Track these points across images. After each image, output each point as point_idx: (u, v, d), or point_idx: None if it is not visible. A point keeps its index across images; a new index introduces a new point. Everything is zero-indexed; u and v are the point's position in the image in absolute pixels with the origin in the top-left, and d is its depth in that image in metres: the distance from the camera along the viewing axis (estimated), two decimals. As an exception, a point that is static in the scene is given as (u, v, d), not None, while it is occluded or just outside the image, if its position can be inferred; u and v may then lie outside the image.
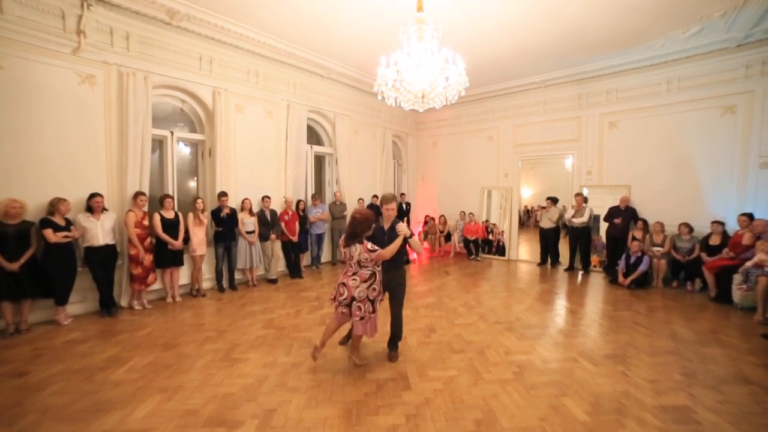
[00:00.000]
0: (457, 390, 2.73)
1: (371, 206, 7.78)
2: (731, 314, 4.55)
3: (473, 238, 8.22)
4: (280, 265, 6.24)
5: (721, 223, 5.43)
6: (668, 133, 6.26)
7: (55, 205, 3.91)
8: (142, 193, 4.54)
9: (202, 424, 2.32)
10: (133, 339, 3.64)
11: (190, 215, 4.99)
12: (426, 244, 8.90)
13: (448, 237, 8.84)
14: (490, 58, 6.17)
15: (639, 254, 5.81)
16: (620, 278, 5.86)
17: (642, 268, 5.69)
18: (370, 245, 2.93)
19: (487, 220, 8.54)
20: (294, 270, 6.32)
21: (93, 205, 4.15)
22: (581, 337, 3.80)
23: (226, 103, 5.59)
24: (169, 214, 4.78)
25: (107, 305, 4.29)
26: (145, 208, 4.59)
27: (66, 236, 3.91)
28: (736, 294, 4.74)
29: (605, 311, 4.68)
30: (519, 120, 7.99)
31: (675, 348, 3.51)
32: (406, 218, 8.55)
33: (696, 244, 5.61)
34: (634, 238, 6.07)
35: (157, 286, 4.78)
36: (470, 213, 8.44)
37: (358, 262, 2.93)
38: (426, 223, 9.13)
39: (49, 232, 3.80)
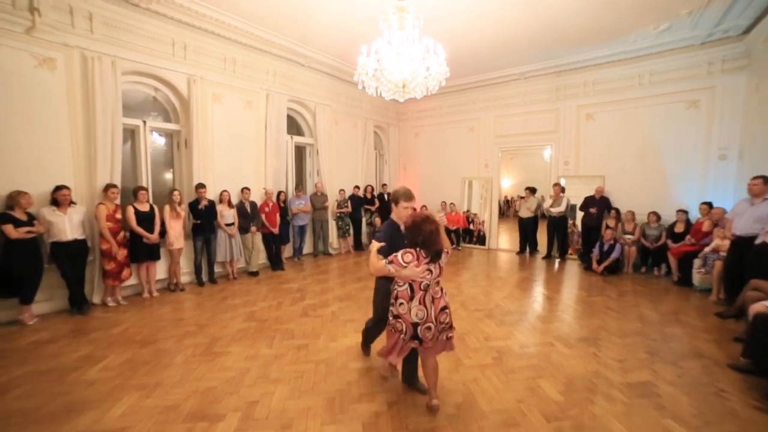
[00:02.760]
0: (438, 376, 2.79)
1: (352, 197, 7.76)
2: (691, 296, 4.85)
3: (454, 227, 8.33)
4: (261, 257, 6.16)
5: (685, 212, 5.73)
6: (640, 125, 6.49)
7: (14, 199, 3.67)
8: (114, 186, 4.34)
9: (183, 419, 2.29)
10: (107, 336, 3.52)
11: (167, 208, 4.83)
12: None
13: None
14: (471, 48, 6.19)
15: (612, 242, 6.06)
16: (594, 265, 6.11)
17: (614, 255, 5.95)
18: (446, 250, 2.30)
19: (468, 210, 8.67)
20: (275, 262, 6.25)
21: (59, 198, 3.93)
22: (557, 322, 3.96)
23: (203, 92, 5.38)
24: (144, 207, 4.61)
25: (78, 303, 4.11)
26: (118, 201, 4.40)
27: (29, 231, 3.70)
28: (696, 277, 5.07)
29: (580, 297, 4.88)
30: (499, 111, 8.09)
31: (641, 329, 3.71)
32: (377, 209, 8.56)
33: (663, 231, 5.91)
34: (607, 227, 6.31)
35: (132, 281, 4.63)
36: (451, 203, 8.54)
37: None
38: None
39: (9, 228, 3.58)
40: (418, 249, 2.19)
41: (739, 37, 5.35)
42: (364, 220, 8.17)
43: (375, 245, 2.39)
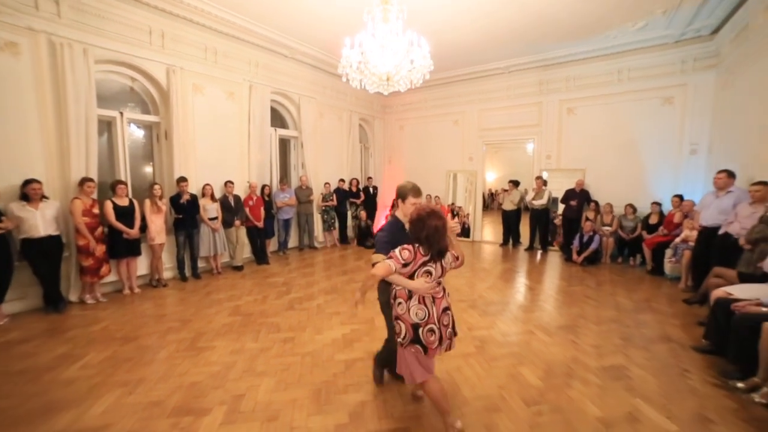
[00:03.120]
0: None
1: (338, 190, 7.73)
2: (663, 284, 5.09)
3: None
4: (245, 251, 6.09)
5: (659, 204, 5.97)
6: (618, 120, 6.68)
7: None
8: (90, 179, 4.19)
9: (168, 414, 2.28)
10: (86, 334, 3.43)
11: (147, 202, 4.71)
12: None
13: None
14: (455, 42, 6.20)
15: (591, 233, 6.26)
16: (574, 256, 6.31)
17: (593, 246, 6.16)
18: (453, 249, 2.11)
19: (452, 203, 8.77)
20: (260, 256, 6.20)
21: (29, 192, 3.75)
22: (538, 311, 4.09)
23: (182, 83, 5.22)
24: (123, 202, 4.48)
25: (53, 301, 3.97)
26: (94, 195, 4.26)
27: (-3, 227, 3.52)
28: (667, 266, 5.32)
29: (560, 287, 5.04)
30: (484, 105, 8.17)
31: (617, 316, 3.88)
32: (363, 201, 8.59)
33: (639, 223, 6.14)
34: (587, 219, 6.51)
35: (112, 278, 4.51)
36: (436, 196, 8.62)
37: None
38: (393, 206, 9.20)
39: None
40: (416, 246, 1.97)
41: (709, 36, 5.55)
42: (349, 213, 8.17)
43: (377, 257, 2.07)
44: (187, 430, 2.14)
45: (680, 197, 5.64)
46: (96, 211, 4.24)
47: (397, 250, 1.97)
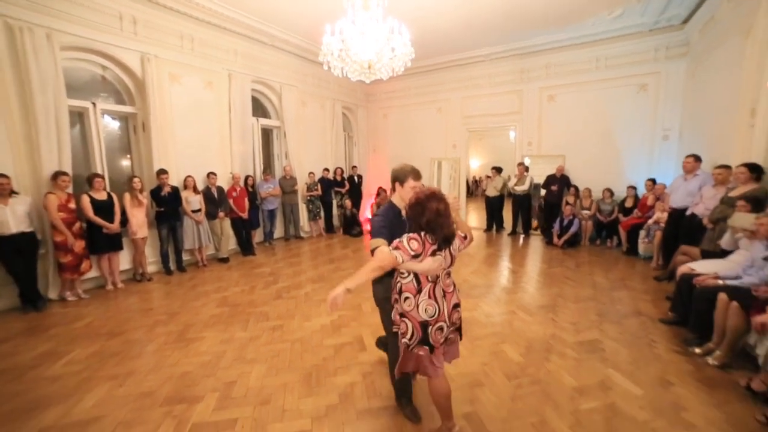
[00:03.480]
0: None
1: (322, 180, 7.71)
2: (637, 264, 5.36)
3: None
4: (231, 243, 6.05)
5: (634, 188, 6.22)
6: (596, 107, 6.86)
7: None
8: (64, 173, 4.04)
9: (161, 403, 2.31)
10: (69, 332, 3.37)
11: (127, 196, 4.60)
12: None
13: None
14: (438, 28, 6.20)
15: (571, 217, 6.48)
16: (555, 239, 6.53)
17: (573, 229, 6.39)
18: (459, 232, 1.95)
19: (437, 191, 8.87)
20: (246, 247, 6.17)
21: (-5, 188, 3.57)
22: (520, 292, 4.26)
23: (158, 72, 5.04)
24: (101, 195, 4.35)
25: (31, 299, 3.85)
26: (69, 190, 4.12)
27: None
28: (641, 247, 5.60)
29: (541, 269, 5.24)
30: (467, 92, 8.22)
31: (594, 295, 4.08)
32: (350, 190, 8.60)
33: (615, 206, 6.39)
34: (567, 203, 6.73)
35: (93, 273, 4.42)
36: (422, 184, 8.67)
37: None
38: (378, 194, 9.24)
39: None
40: (423, 234, 1.76)
41: (680, 26, 5.74)
42: (334, 202, 8.17)
43: (376, 242, 1.86)
44: (180, 417, 2.18)
45: (653, 181, 5.89)
46: (72, 206, 4.11)
47: (404, 240, 1.74)
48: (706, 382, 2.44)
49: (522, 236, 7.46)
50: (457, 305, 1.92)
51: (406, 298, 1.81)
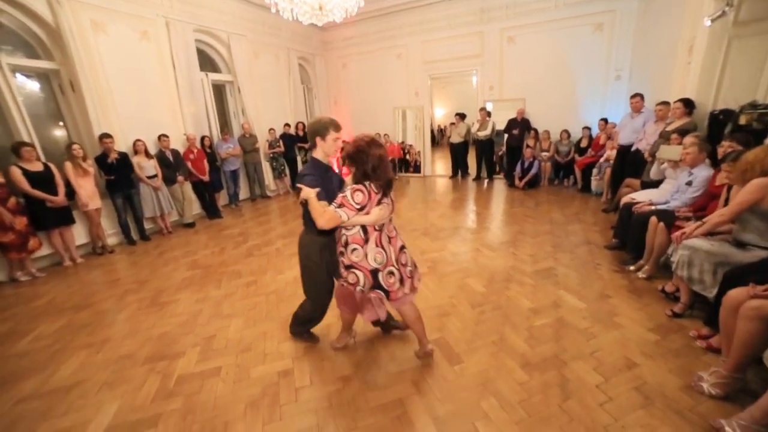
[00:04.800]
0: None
1: (284, 136, 7.42)
2: (590, 200, 5.76)
3: (390, 158, 8.53)
4: (195, 208, 5.85)
5: (589, 128, 6.49)
6: (554, 48, 6.85)
7: None
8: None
9: (142, 362, 2.37)
10: (29, 310, 3.22)
11: (68, 165, 4.22)
12: (346, 169, 8.96)
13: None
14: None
15: (531, 160, 6.74)
16: (516, 182, 6.82)
17: (533, 171, 6.68)
18: None
19: (402, 142, 8.83)
20: (211, 211, 6.00)
21: None
22: (484, 231, 4.52)
23: (76, 18, 4.39)
24: (35, 167, 3.95)
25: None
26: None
27: None
28: (593, 183, 6.00)
29: (504, 209, 5.53)
30: (426, 36, 7.90)
31: (551, 230, 4.41)
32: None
33: (572, 147, 6.68)
34: (527, 146, 6.95)
35: (46, 251, 4.16)
36: (385, 134, 8.60)
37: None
38: (343, 148, 9.09)
39: None
40: (368, 184, 1.76)
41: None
42: (299, 158, 7.94)
43: (310, 192, 1.82)
44: (164, 371, 2.26)
45: (605, 120, 6.16)
46: (1, 180, 3.72)
47: (347, 194, 1.72)
48: (635, 292, 2.84)
49: (486, 181, 7.71)
50: (403, 247, 2.00)
51: (354, 249, 1.85)
